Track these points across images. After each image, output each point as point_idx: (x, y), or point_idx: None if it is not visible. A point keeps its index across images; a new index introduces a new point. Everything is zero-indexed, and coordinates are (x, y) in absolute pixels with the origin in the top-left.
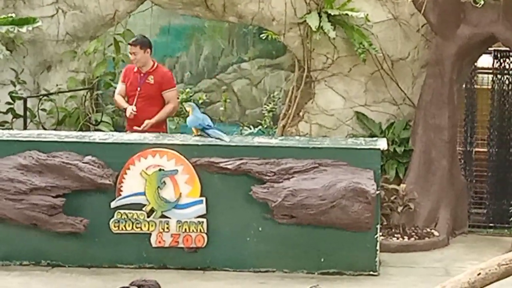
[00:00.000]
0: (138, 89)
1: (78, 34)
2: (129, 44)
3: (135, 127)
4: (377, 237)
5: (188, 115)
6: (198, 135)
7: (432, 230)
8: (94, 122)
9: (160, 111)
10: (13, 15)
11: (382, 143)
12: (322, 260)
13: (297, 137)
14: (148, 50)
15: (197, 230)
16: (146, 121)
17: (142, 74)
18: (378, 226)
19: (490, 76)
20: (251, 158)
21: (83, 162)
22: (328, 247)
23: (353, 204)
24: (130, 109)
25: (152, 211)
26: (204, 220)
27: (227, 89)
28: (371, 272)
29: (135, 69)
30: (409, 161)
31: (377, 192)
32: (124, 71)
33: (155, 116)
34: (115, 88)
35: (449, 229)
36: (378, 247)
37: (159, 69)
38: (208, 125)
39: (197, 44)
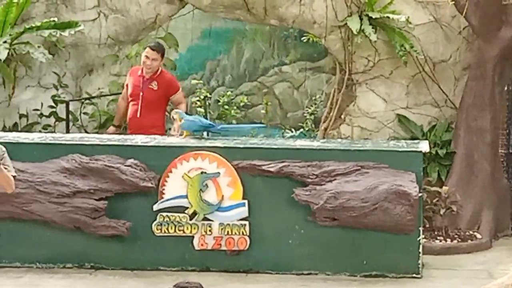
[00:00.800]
0: (141, 93)
1: (120, 38)
2: (149, 48)
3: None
4: (419, 239)
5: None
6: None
7: (475, 233)
8: None
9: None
10: (56, 19)
11: (424, 146)
12: (365, 262)
13: (339, 140)
14: (163, 59)
15: (239, 233)
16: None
17: (145, 79)
18: (421, 229)
19: None
20: (293, 160)
21: (125, 165)
22: (370, 250)
23: (395, 206)
24: (111, 131)
25: (194, 213)
26: (247, 222)
27: (268, 92)
28: (414, 275)
29: (139, 73)
30: (451, 164)
31: (419, 194)
32: (129, 73)
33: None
34: None
35: (492, 232)
36: (420, 250)
37: (163, 75)
38: (209, 124)
39: (238, 47)
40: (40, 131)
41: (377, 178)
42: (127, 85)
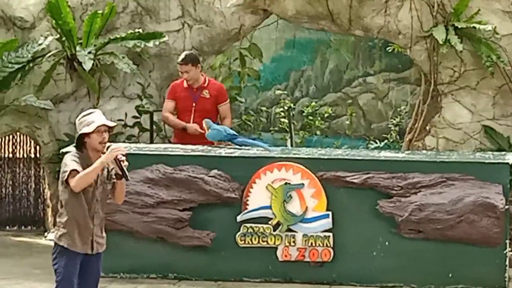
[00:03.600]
0: (194, 104)
1: (204, 49)
2: (179, 64)
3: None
4: (506, 252)
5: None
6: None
7: None
8: None
9: None
10: (140, 30)
11: (511, 157)
12: (450, 275)
13: (424, 151)
14: (199, 65)
15: (323, 244)
16: None
17: (195, 89)
18: (507, 241)
19: None
20: (377, 172)
21: (209, 176)
22: (456, 263)
23: (481, 219)
24: (194, 127)
25: (278, 224)
26: (331, 234)
27: (352, 103)
28: None
29: (185, 85)
30: None
31: (506, 206)
32: (171, 88)
33: None
34: (240, 102)
35: None
36: (507, 263)
37: (212, 83)
38: (233, 135)
39: (322, 57)
40: (124, 141)
41: (463, 190)
42: (170, 99)
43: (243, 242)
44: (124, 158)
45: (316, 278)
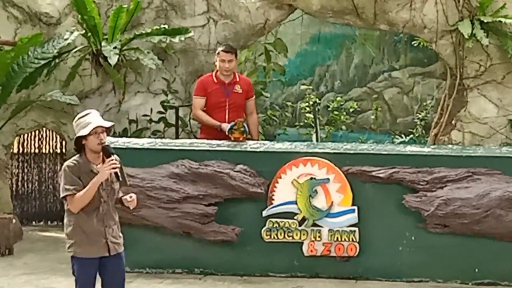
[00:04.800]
0: (227, 99)
1: (229, 43)
2: (223, 51)
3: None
4: None
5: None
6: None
7: None
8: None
9: (253, 128)
10: (166, 25)
11: None
12: (476, 270)
13: (450, 146)
14: (237, 58)
15: (349, 239)
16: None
17: (227, 84)
18: None
19: None
20: (403, 166)
21: (235, 171)
22: (482, 257)
23: (507, 213)
24: (226, 127)
25: (303, 219)
26: (356, 229)
27: (377, 97)
28: None
29: (215, 80)
30: None
31: None
32: (199, 84)
33: (254, 135)
34: (266, 97)
35: None
36: None
37: (242, 78)
38: None
39: (347, 52)
40: (149, 137)
41: (489, 185)
42: (200, 95)
43: (268, 237)
44: (117, 168)
45: (342, 273)
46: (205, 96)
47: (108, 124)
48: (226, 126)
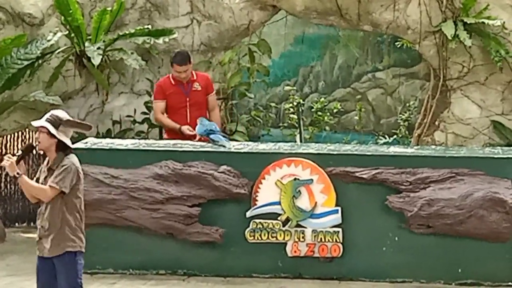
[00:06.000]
0: (187, 99)
1: (213, 44)
2: (178, 65)
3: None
4: None
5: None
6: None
7: None
8: (228, 132)
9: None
10: (149, 26)
11: None
12: (460, 270)
13: (433, 147)
14: (191, 63)
15: (332, 240)
16: None
17: (185, 84)
18: None
19: None
20: (386, 167)
21: (219, 172)
22: (465, 258)
23: (490, 214)
24: (187, 129)
25: (287, 220)
26: (340, 229)
27: (361, 98)
28: (510, 283)
29: (173, 82)
30: None
31: None
32: (157, 88)
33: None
34: (250, 98)
35: None
36: None
37: (200, 75)
38: (211, 130)
39: (331, 53)
40: (133, 138)
41: (472, 185)
42: (160, 99)
43: (252, 238)
44: (13, 157)
45: (326, 274)
46: (165, 99)
47: (37, 124)
48: (185, 128)
